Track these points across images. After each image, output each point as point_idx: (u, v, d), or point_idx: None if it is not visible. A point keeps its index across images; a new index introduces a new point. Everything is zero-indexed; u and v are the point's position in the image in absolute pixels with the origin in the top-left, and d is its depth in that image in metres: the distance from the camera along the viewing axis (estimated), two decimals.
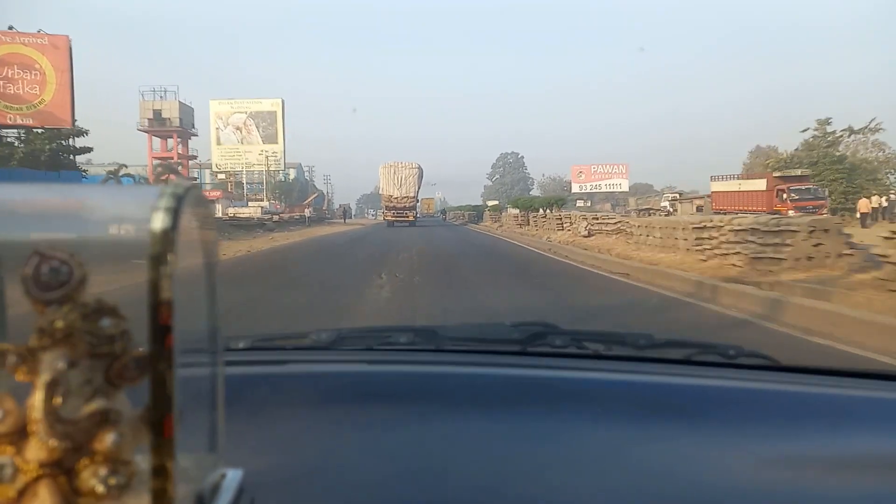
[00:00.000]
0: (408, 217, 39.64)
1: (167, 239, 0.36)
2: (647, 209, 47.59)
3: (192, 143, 67.68)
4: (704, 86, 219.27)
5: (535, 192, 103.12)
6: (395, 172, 40.45)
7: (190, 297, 0.43)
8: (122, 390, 0.39)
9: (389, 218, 39.80)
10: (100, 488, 0.38)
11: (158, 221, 0.36)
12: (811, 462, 0.72)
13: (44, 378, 0.37)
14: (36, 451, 0.38)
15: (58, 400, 0.37)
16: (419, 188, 41.97)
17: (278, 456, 0.66)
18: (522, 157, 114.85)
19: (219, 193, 56.46)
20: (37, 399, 0.37)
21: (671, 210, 43.67)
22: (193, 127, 65.80)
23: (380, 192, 42.86)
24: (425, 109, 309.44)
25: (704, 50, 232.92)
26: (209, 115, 66.43)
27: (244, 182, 68.26)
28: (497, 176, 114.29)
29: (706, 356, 1.16)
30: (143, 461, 0.39)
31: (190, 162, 64.08)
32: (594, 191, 79.40)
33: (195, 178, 68.13)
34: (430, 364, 1.07)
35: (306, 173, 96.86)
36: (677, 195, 49.73)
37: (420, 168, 41.60)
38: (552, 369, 1.03)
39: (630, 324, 5.53)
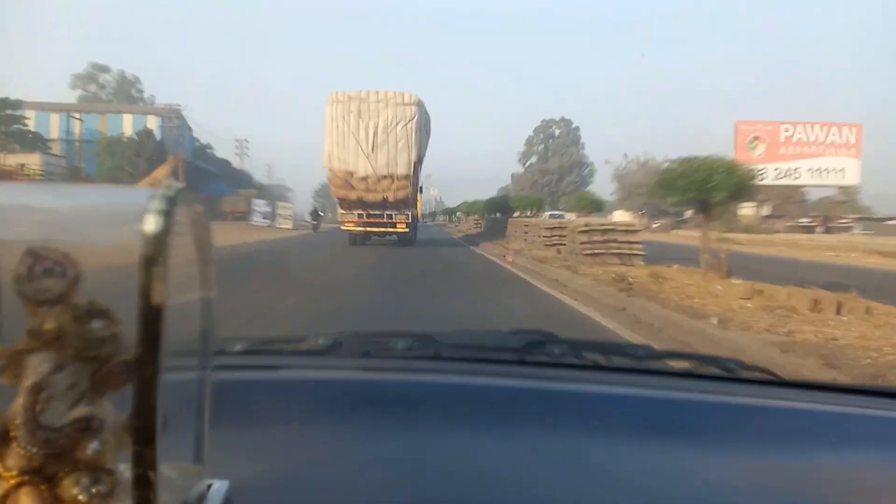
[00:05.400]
0: (396, 226, 17.28)
1: (159, 241, 0.35)
2: None
3: None
4: None
5: (594, 183, 63.69)
6: (359, 114, 16.72)
7: (183, 301, 0.42)
8: (106, 396, 0.39)
9: (353, 227, 17.32)
10: (81, 497, 0.37)
11: (150, 224, 0.35)
12: (811, 479, 0.72)
13: (27, 382, 0.37)
14: (17, 457, 0.37)
15: (39, 406, 0.36)
16: (419, 157, 17.41)
17: (269, 465, 0.65)
18: (578, 128, 68.65)
19: None
20: (19, 404, 0.36)
21: None
22: None
23: (324, 164, 17.19)
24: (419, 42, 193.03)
25: None
26: None
27: None
28: (533, 159, 69.07)
29: (706, 369, 1.15)
30: (127, 470, 0.38)
31: None
32: (782, 180, 34.07)
33: None
34: (428, 372, 1.06)
35: (190, 125, 49.39)
36: None
37: (420, 107, 17.30)
38: (550, 380, 1.02)
39: None
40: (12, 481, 0.37)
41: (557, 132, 69.87)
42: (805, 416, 0.92)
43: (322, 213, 39.94)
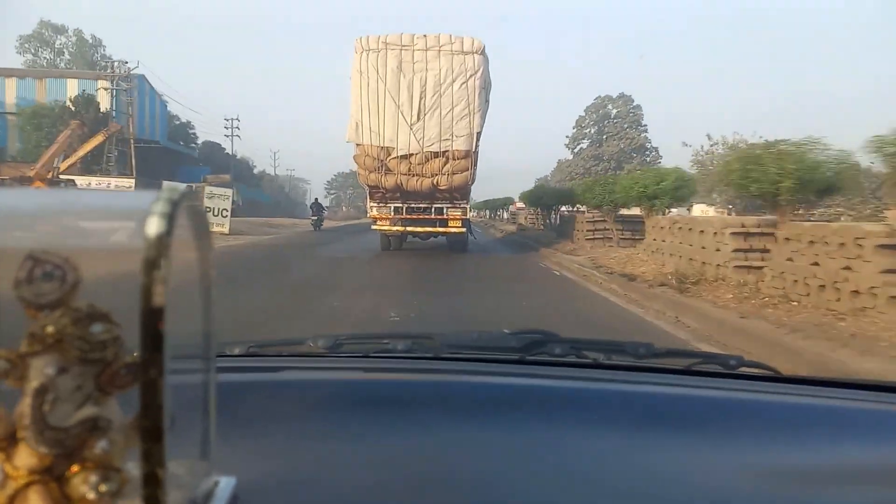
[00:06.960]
0: (447, 223, 12.42)
1: (161, 244, 0.36)
2: None
3: None
4: None
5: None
6: (400, 67, 11.50)
7: (184, 303, 0.43)
8: (113, 397, 0.39)
9: (388, 226, 12.51)
10: (90, 495, 0.38)
11: (153, 226, 0.36)
12: (811, 473, 0.72)
13: (33, 384, 0.37)
14: (26, 457, 0.37)
15: (47, 406, 0.37)
16: (482, 127, 11.97)
17: (273, 464, 0.65)
18: (639, 105, 54.18)
19: None
20: (26, 405, 0.37)
21: None
22: None
23: (349, 139, 12.17)
24: None
25: None
26: None
27: None
28: (585, 143, 54.80)
29: (706, 366, 1.15)
30: (134, 468, 0.38)
31: None
32: None
33: None
34: (428, 372, 1.06)
35: (165, 99, 40.35)
36: None
37: (485, 59, 11.89)
38: (551, 378, 1.03)
39: None
40: (22, 481, 0.37)
41: (614, 111, 54.10)
42: (805, 411, 0.93)
43: (325, 207, 31.56)
